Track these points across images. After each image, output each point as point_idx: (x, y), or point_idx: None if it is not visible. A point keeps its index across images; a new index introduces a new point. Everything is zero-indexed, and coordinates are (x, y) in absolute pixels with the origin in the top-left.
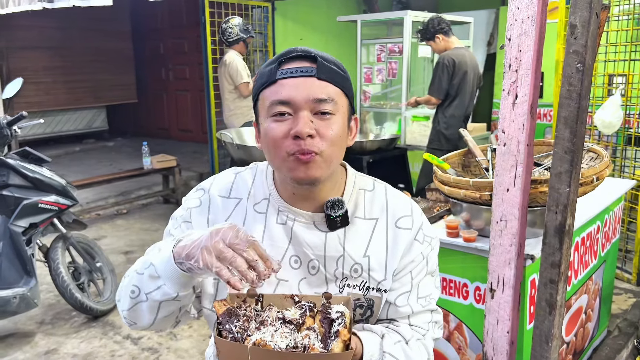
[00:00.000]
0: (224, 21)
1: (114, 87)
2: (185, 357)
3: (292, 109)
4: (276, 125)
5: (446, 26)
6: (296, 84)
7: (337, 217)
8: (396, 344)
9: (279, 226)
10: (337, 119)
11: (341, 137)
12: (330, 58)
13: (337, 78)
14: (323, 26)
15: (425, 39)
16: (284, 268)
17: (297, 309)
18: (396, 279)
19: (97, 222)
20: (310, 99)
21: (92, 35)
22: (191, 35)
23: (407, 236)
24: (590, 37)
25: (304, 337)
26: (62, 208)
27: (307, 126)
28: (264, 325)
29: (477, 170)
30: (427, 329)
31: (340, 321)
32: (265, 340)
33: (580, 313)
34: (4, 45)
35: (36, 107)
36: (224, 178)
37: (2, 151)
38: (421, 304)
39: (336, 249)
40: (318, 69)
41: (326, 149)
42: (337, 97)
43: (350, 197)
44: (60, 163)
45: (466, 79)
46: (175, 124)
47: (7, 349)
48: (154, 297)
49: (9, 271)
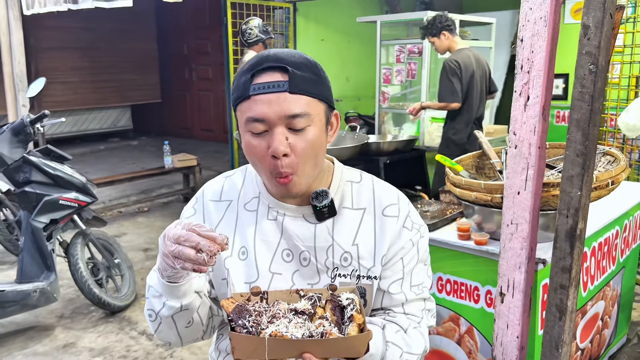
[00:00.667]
0: (244, 22)
1: (138, 87)
2: (198, 353)
3: (267, 126)
4: (255, 142)
5: (452, 24)
6: (269, 101)
7: (323, 208)
8: (397, 333)
9: (270, 222)
10: (313, 129)
11: (317, 145)
12: (303, 62)
13: (311, 87)
14: (345, 27)
15: (430, 34)
16: (278, 262)
17: (306, 300)
18: (388, 266)
19: (118, 219)
20: (284, 116)
21: (118, 36)
22: (214, 36)
23: (394, 224)
24: (603, 38)
25: (318, 326)
26: (82, 205)
27: (282, 144)
28: (277, 318)
29: (492, 172)
30: (422, 316)
31: (353, 307)
32: (281, 332)
33: (596, 319)
34: (33, 45)
35: (63, 106)
36: (215, 183)
37: (26, 149)
38: (414, 292)
39: (325, 239)
40: (290, 83)
41: (300, 166)
42: (312, 107)
43: (337, 189)
44: (85, 161)
45: (473, 81)
46: (197, 124)
47: (27, 342)
48: (164, 314)
49: (30, 266)
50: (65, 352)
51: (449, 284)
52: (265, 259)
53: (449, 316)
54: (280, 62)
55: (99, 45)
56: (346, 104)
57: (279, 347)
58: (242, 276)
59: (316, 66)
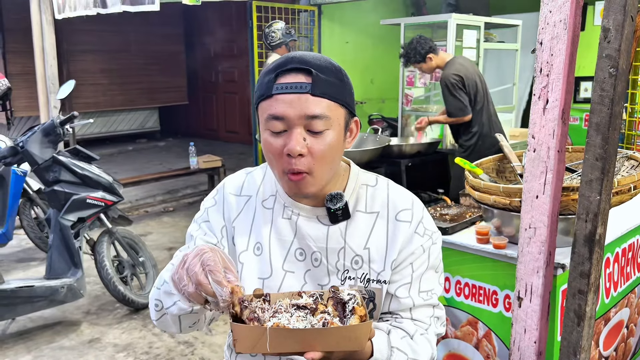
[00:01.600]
0: (267, 25)
1: (166, 89)
2: (218, 352)
3: (286, 125)
4: (272, 140)
5: (433, 44)
6: (290, 101)
7: (337, 210)
8: (402, 338)
9: (285, 221)
10: (331, 133)
11: (334, 150)
12: (327, 66)
13: (333, 91)
14: (370, 29)
15: (415, 62)
16: (291, 260)
17: (308, 297)
18: (397, 270)
19: (144, 219)
20: (304, 116)
21: (146, 39)
22: (240, 39)
23: (406, 229)
24: (624, 41)
25: (319, 320)
26: (108, 204)
27: (299, 144)
28: (279, 313)
29: (512, 176)
30: (429, 323)
31: (354, 301)
32: (283, 324)
33: (621, 327)
34: (65, 48)
35: (93, 107)
36: (236, 178)
37: (55, 149)
38: (423, 297)
39: (337, 241)
40: (313, 85)
41: (316, 168)
42: (332, 111)
43: (352, 192)
44: (114, 161)
45: (477, 86)
46: (223, 126)
47: (54, 336)
48: (172, 312)
49: (58, 262)
50: (90, 347)
51: (467, 288)
52: (279, 257)
53: (467, 320)
54: (305, 64)
55: (127, 48)
56: (370, 106)
57: (281, 337)
58: (256, 272)
59: (340, 71)
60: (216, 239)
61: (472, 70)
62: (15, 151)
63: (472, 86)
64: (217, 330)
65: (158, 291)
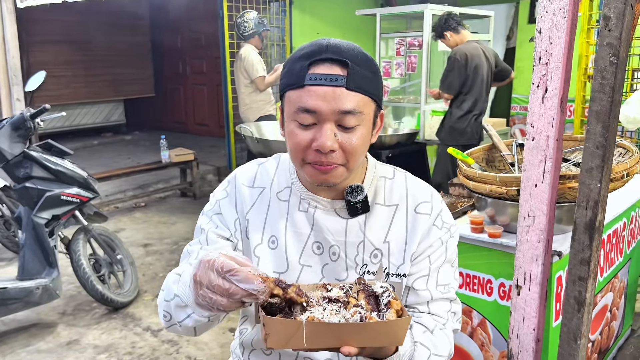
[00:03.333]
0: (239, 15)
1: (132, 81)
2: (204, 349)
3: (317, 119)
4: (300, 132)
5: (454, 22)
6: (324, 94)
7: (357, 203)
8: (424, 333)
9: (301, 213)
10: (362, 129)
11: (364, 144)
12: (362, 58)
13: (367, 85)
14: (341, 20)
15: (436, 37)
16: (308, 254)
17: (338, 289)
18: (414, 263)
19: (116, 215)
20: (337, 111)
21: (111, 30)
22: (208, 29)
23: (425, 221)
24: (625, 29)
25: (354, 313)
26: (83, 200)
27: (330, 140)
28: (310, 306)
29: (502, 165)
30: (447, 318)
31: (388, 294)
32: (317, 318)
33: (605, 311)
34: (25, 39)
35: (56, 100)
36: (248, 169)
37: (26, 144)
38: (440, 291)
39: (357, 234)
40: (348, 78)
41: (349, 161)
42: (364, 106)
43: (370, 185)
44: (79, 156)
45: (478, 73)
46: (192, 118)
47: (30, 339)
48: (187, 324)
49: (32, 262)
50: (69, 349)
51: (461, 277)
52: (295, 251)
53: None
54: (340, 54)
55: (91, 39)
56: None
57: (317, 332)
58: (272, 265)
59: (374, 63)
60: (229, 232)
61: (482, 55)
62: None
63: (472, 68)
64: None
65: (167, 303)
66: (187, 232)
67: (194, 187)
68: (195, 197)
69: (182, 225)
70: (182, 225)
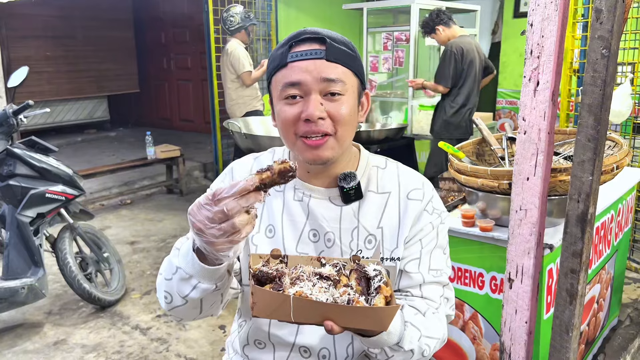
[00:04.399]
0: (225, 10)
1: (115, 77)
2: (194, 347)
3: (302, 92)
4: (288, 108)
5: (445, 17)
6: (306, 66)
7: (350, 190)
8: (416, 315)
9: (296, 203)
10: (347, 99)
11: (352, 116)
12: (340, 38)
13: (346, 59)
14: (327, 15)
15: (427, 32)
16: (304, 242)
17: (331, 267)
18: (406, 246)
19: (101, 213)
20: (320, 79)
21: (94, 25)
22: (193, 24)
23: (417, 206)
24: (616, 22)
25: (343, 293)
26: (69, 198)
27: (318, 109)
28: (300, 280)
29: (492, 159)
30: (440, 303)
31: (380, 278)
32: (305, 293)
33: (592, 302)
34: (5, 34)
35: (38, 96)
36: (245, 163)
37: (9, 141)
38: (432, 275)
39: (351, 221)
40: (327, 51)
41: (338, 130)
42: (346, 77)
43: (363, 173)
44: (62, 153)
45: (473, 67)
46: (177, 114)
47: (16, 340)
48: (194, 297)
49: (17, 262)
50: (56, 349)
51: (452, 271)
52: (292, 239)
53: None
54: (317, 34)
55: (74, 34)
56: None
57: (303, 307)
58: None
59: (351, 44)
60: None
61: (476, 50)
62: None
63: (467, 62)
64: (191, 325)
65: (169, 281)
66: (174, 229)
67: (180, 183)
68: (182, 194)
69: (169, 222)
70: (169, 222)
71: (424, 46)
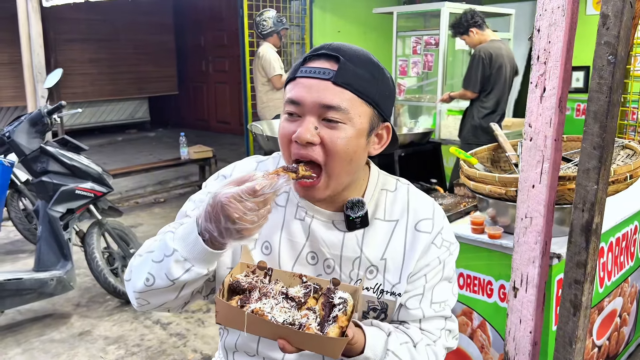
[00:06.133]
0: (258, 14)
1: (156, 79)
2: (211, 343)
3: (300, 111)
4: (286, 124)
5: (480, 19)
6: (309, 86)
7: (356, 218)
8: (402, 344)
9: (297, 221)
10: (348, 129)
11: (349, 149)
12: (363, 59)
13: (360, 84)
14: (361, 18)
15: (459, 33)
16: (302, 264)
17: (302, 287)
18: (410, 281)
19: (135, 210)
20: (318, 104)
21: (136, 28)
22: (230, 28)
23: (425, 239)
24: (623, 28)
25: (303, 316)
26: (97, 195)
27: (308, 132)
28: (266, 297)
29: (507, 165)
30: (439, 335)
31: (341, 307)
32: (263, 311)
33: (614, 316)
34: (53, 37)
35: (82, 97)
36: (245, 165)
37: (43, 139)
38: (434, 309)
39: (353, 249)
40: (337, 72)
41: (329, 162)
42: (352, 105)
43: (371, 198)
44: (103, 152)
45: (501, 73)
46: (214, 116)
47: (44, 329)
48: (183, 279)
49: (47, 254)
50: (81, 340)
51: (461, 278)
52: (288, 259)
53: (462, 310)
54: (335, 51)
55: (116, 37)
56: None
57: (256, 324)
58: None
59: (377, 68)
60: None
61: (506, 55)
62: (1, 142)
63: (496, 67)
64: (209, 322)
65: (158, 263)
66: None
67: None
68: None
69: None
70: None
71: (454, 50)
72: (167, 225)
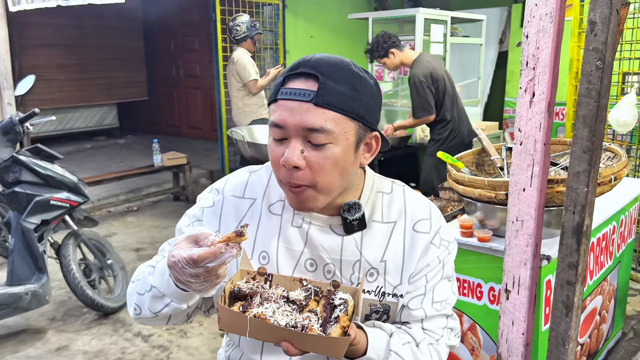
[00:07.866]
0: (231, 19)
1: (125, 84)
2: (195, 354)
3: (284, 135)
4: (274, 147)
5: (397, 40)
6: (291, 109)
7: (353, 221)
8: (405, 344)
9: (294, 229)
10: (334, 148)
11: (338, 165)
12: (343, 73)
13: (341, 102)
14: (334, 24)
15: (379, 56)
16: (301, 271)
17: (302, 291)
18: (411, 282)
19: (107, 219)
20: (301, 127)
21: (104, 33)
22: (202, 33)
23: (424, 240)
24: (610, 34)
25: (305, 318)
26: (73, 205)
27: (295, 157)
28: (268, 301)
29: (491, 169)
30: (441, 334)
31: (342, 308)
32: (265, 315)
33: (594, 314)
34: (17, 42)
35: (48, 104)
36: (238, 177)
37: (15, 148)
38: (436, 308)
39: (353, 253)
40: (318, 93)
41: (319, 181)
42: (337, 124)
43: (367, 200)
44: (71, 160)
45: (444, 84)
46: (185, 122)
47: (19, 345)
48: (165, 313)
49: (21, 267)
50: (59, 355)
51: None
52: (287, 267)
53: None
54: (314, 69)
55: (84, 42)
56: None
57: (259, 328)
58: None
59: (359, 80)
60: None
61: (440, 67)
62: None
63: (440, 83)
64: (192, 333)
65: (140, 296)
66: None
67: (186, 191)
68: (188, 201)
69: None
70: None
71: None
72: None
